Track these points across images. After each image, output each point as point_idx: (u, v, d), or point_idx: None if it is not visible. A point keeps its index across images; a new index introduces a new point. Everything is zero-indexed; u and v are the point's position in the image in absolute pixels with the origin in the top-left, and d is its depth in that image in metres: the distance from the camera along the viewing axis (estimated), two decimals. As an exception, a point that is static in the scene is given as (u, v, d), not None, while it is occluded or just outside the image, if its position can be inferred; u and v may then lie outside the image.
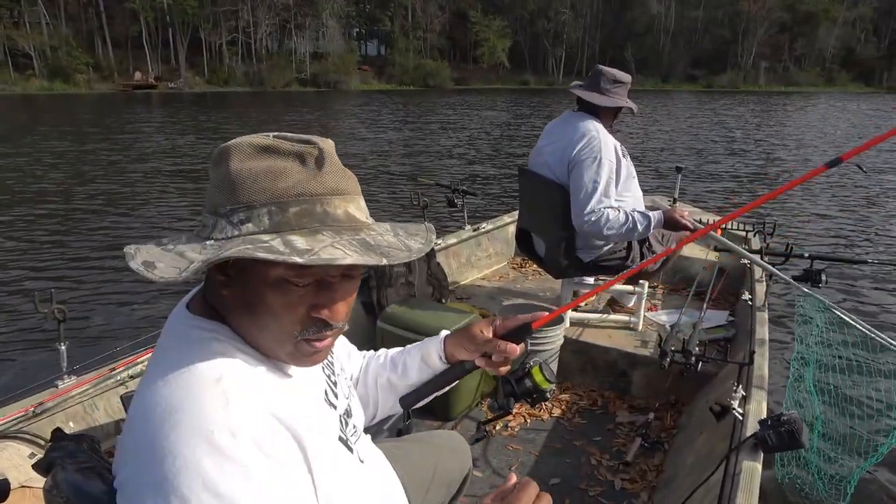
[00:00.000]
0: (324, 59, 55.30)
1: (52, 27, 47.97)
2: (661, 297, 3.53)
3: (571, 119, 2.73)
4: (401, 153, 14.03)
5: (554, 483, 2.18)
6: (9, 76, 43.81)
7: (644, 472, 2.26)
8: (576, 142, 2.60)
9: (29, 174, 11.02)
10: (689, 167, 12.13)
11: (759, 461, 1.55)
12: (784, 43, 69.71)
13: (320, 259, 0.66)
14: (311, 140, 0.76)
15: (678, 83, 66.02)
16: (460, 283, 3.61)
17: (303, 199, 0.72)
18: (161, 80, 49.47)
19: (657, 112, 28.93)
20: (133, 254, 0.72)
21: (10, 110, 28.22)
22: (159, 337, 0.81)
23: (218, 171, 0.74)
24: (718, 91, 57.38)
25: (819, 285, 2.46)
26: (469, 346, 1.10)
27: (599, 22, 71.64)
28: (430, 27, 64.29)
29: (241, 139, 0.75)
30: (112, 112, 27.47)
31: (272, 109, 29.36)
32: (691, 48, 70.92)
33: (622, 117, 3.10)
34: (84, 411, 1.86)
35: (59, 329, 1.87)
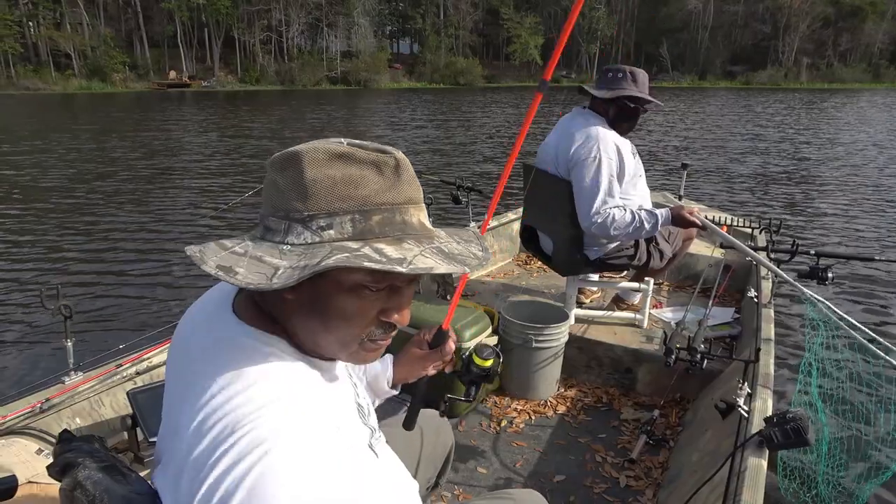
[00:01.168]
0: (354, 58, 55.53)
1: (92, 27, 49.23)
2: (666, 295, 3.52)
3: (576, 116, 2.73)
4: (414, 150, 14.03)
5: (559, 480, 2.20)
6: (50, 76, 45.18)
7: (649, 469, 2.26)
8: (575, 140, 2.59)
9: (45, 170, 11.19)
10: (708, 166, 11.86)
11: (764, 459, 1.55)
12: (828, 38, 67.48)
13: (418, 269, 0.68)
14: (386, 150, 0.77)
15: (715, 80, 64.62)
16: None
17: (384, 208, 0.73)
18: (194, 79, 50.41)
19: (690, 109, 28.49)
20: (201, 257, 0.72)
21: (42, 109, 28.89)
22: (197, 337, 0.80)
23: (287, 175, 0.74)
24: (757, 88, 56.09)
25: (825, 283, 2.42)
26: (421, 366, 1.25)
27: (634, 18, 70.68)
28: (462, 24, 64.04)
29: (313, 145, 0.75)
30: (140, 110, 28.04)
31: (298, 107, 29.58)
32: (730, 44, 69.29)
33: (648, 115, 3.07)
34: (91, 407, 1.87)
35: (65, 325, 1.88)
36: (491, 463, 2.27)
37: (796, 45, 66.65)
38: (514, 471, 2.24)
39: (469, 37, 65.47)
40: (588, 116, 2.68)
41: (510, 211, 4.24)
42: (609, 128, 2.64)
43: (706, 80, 64.82)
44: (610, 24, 68.18)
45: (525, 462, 2.29)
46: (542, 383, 2.65)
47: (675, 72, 66.04)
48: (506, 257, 4.04)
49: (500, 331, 2.62)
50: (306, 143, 0.76)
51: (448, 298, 2.98)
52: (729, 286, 3.39)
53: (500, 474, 2.22)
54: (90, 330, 4.28)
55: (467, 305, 2.71)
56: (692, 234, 2.90)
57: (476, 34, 66.55)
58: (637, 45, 69.50)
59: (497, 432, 2.46)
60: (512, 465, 2.26)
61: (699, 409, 2.49)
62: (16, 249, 6.37)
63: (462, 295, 3.28)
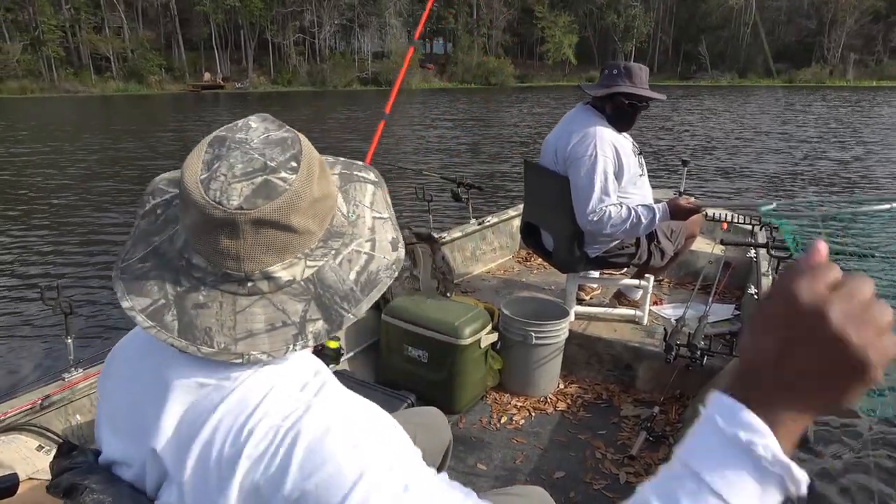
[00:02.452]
0: (386, 59, 55.35)
1: (131, 31, 50.23)
2: (666, 291, 3.51)
3: (577, 113, 2.73)
4: (424, 149, 14.07)
5: (558, 476, 2.21)
6: (89, 79, 46.32)
7: (649, 465, 2.26)
8: (573, 138, 2.60)
9: (59, 169, 11.44)
10: (725, 165, 11.67)
11: None
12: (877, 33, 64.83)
13: None
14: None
15: (756, 78, 62.19)
16: (465, 277, 3.62)
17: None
18: (228, 81, 51.01)
19: (723, 108, 27.86)
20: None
21: (78, 110, 29.66)
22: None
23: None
24: (800, 86, 54.02)
25: None
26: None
27: (672, 15, 68.98)
28: (495, 24, 63.44)
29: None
30: (172, 111, 28.64)
31: (326, 108, 29.76)
32: (773, 41, 66.69)
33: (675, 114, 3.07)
34: (91, 404, 1.87)
35: (66, 321, 1.87)
36: (491, 459, 2.29)
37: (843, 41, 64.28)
38: (514, 467, 2.25)
39: (502, 36, 64.81)
40: (588, 114, 2.69)
41: (511, 207, 4.24)
42: (608, 125, 2.63)
43: (746, 79, 62.70)
44: (646, 21, 66.56)
45: (525, 458, 2.30)
46: (542, 380, 2.66)
47: (714, 70, 64.36)
48: (506, 254, 4.04)
49: (501, 327, 2.63)
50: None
51: (449, 296, 3.02)
52: (729, 283, 3.37)
53: (501, 471, 2.23)
54: (91, 326, 4.29)
55: (467, 302, 2.75)
56: (695, 231, 2.89)
57: (509, 33, 65.83)
58: (675, 43, 68.01)
59: (497, 429, 2.48)
60: (512, 462, 2.27)
61: (699, 405, 2.46)
62: (18, 246, 6.43)
63: (462, 292, 3.33)
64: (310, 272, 0.70)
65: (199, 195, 0.65)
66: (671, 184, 7.69)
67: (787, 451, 0.47)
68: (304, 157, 0.69)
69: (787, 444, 0.47)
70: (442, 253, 3.14)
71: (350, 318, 0.71)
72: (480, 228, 3.78)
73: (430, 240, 3.05)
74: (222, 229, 0.65)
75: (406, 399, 2.32)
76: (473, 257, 3.75)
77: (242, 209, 0.64)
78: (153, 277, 0.71)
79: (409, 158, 12.74)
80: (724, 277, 3.18)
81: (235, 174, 0.65)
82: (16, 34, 44.64)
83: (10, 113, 28.12)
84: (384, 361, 2.68)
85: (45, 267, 5.83)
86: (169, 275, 0.70)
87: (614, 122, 2.66)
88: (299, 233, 0.68)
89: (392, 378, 2.61)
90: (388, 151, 13.53)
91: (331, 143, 15.55)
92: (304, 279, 0.70)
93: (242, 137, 0.68)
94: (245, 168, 0.66)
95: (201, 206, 0.65)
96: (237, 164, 0.66)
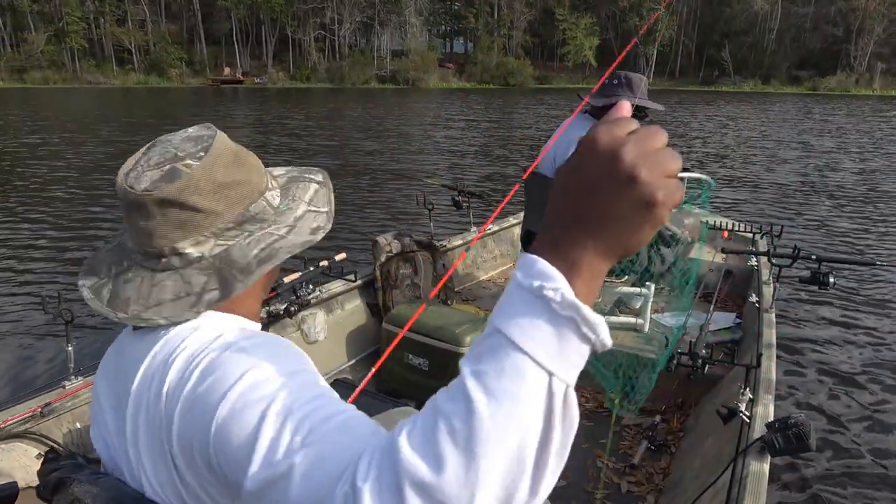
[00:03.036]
0: (404, 57, 55.35)
1: (154, 24, 50.85)
2: (667, 299, 3.47)
3: (576, 122, 2.72)
4: (430, 150, 14.01)
5: (560, 485, 2.20)
6: (111, 71, 47.17)
7: (651, 474, 2.26)
8: (571, 147, 2.61)
9: (65, 161, 11.50)
10: (736, 173, 11.48)
11: (766, 464, 1.56)
12: (906, 42, 63.42)
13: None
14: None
15: (780, 85, 61.25)
16: (466, 285, 3.62)
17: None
18: (247, 76, 51.36)
19: (742, 115, 27.48)
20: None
21: (92, 102, 29.77)
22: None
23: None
24: (825, 94, 53.06)
25: (827, 287, 2.36)
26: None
27: (696, 19, 67.83)
28: (516, 24, 63.04)
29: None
30: (185, 105, 28.83)
31: (340, 104, 29.75)
32: (798, 47, 65.47)
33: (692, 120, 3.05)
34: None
35: (67, 329, 1.86)
36: None
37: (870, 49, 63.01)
38: None
39: (522, 37, 64.28)
40: (587, 123, 2.69)
41: (511, 216, 4.23)
42: None
43: (770, 86, 61.54)
44: (669, 25, 64.87)
45: None
46: (542, 388, 2.65)
47: (736, 76, 63.19)
48: (506, 261, 4.04)
49: None
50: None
51: (450, 304, 3.03)
52: (730, 291, 3.36)
53: None
54: (92, 334, 4.25)
55: (468, 310, 2.76)
56: (694, 237, 2.88)
57: (530, 34, 65.35)
58: (699, 48, 66.94)
59: None
60: None
61: (701, 414, 2.45)
62: (19, 252, 6.35)
63: (463, 300, 3.34)
64: (219, 250, 0.79)
65: (120, 183, 0.77)
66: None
67: (588, 295, 0.48)
68: (213, 148, 0.78)
69: (588, 288, 0.48)
70: (443, 261, 3.16)
71: (240, 286, 0.78)
72: (481, 236, 3.80)
73: (431, 248, 3.07)
74: (136, 211, 0.76)
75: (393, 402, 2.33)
76: (474, 265, 3.76)
77: (147, 191, 0.75)
78: (104, 261, 0.84)
79: (412, 159, 12.68)
80: (725, 286, 3.17)
81: (150, 164, 0.77)
82: (41, 25, 45.37)
83: (30, 102, 28.48)
84: (385, 370, 2.69)
85: (46, 273, 5.79)
86: (116, 259, 0.83)
87: None
88: (203, 212, 0.77)
89: (393, 386, 2.62)
90: (393, 152, 13.50)
91: (342, 141, 15.49)
92: (213, 255, 0.78)
93: (169, 138, 0.80)
94: (158, 159, 0.77)
95: (120, 191, 0.77)
96: (154, 156, 0.77)
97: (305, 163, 11.90)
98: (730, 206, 8.62)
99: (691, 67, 67.23)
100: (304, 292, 2.48)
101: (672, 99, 38.25)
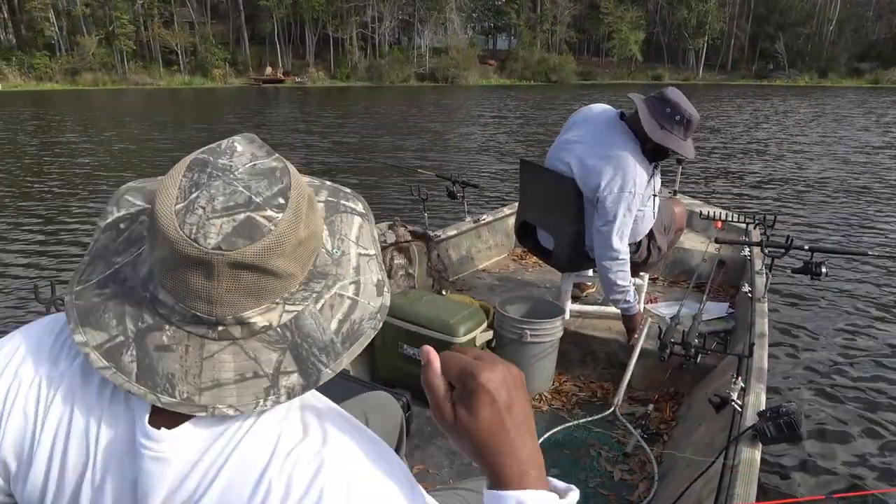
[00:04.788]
0: (444, 54, 54.75)
1: (200, 25, 51.84)
2: (661, 289, 3.50)
3: (615, 131, 2.60)
4: (441, 149, 13.79)
5: (553, 474, 2.21)
6: (157, 71, 48.35)
7: (643, 463, 2.28)
8: (610, 162, 2.51)
9: (92, 157, 11.66)
10: (765, 171, 11.02)
11: (757, 452, 1.58)
12: (981, 29, 57.96)
13: None
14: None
15: (838, 79, 56.83)
16: (460, 275, 3.62)
17: None
18: (288, 75, 51.86)
19: (791, 108, 26.65)
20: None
21: (136, 102, 30.19)
22: None
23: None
24: (888, 88, 49.40)
25: (819, 277, 2.40)
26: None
27: (749, 10, 63.98)
28: (560, 19, 61.85)
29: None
30: (225, 105, 28.97)
31: (369, 104, 29.46)
32: (860, 38, 60.87)
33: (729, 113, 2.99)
34: None
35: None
36: None
37: (940, 38, 57.70)
38: None
39: (566, 32, 62.95)
40: (627, 138, 2.56)
41: (506, 206, 4.24)
42: (642, 157, 2.55)
43: (827, 79, 57.22)
44: (720, 17, 62.47)
45: None
46: (536, 378, 2.67)
47: (791, 69, 60.00)
48: (501, 252, 4.04)
49: (496, 326, 2.64)
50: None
51: (444, 293, 3.02)
52: (723, 281, 3.37)
53: None
54: None
55: (462, 300, 2.75)
56: (683, 224, 2.91)
57: (574, 29, 63.91)
58: (752, 40, 62.95)
59: None
60: None
61: (693, 403, 2.48)
62: (11, 242, 6.37)
63: (457, 290, 3.33)
64: (287, 318, 0.62)
65: (172, 229, 0.56)
66: (666, 181, 7.57)
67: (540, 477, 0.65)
68: (293, 192, 0.59)
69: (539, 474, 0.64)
70: (437, 251, 3.14)
71: (328, 373, 0.63)
72: (476, 226, 3.78)
73: (426, 238, 3.05)
74: (195, 269, 0.57)
75: (401, 397, 2.31)
76: (469, 255, 3.76)
77: (221, 249, 0.56)
78: (112, 308, 0.62)
79: (426, 155, 12.57)
80: (719, 276, 3.19)
81: (216, 208, 0.56)
82: (93, 28, 46.87)
83: (72, 104, 28.93)
84: (379, 360, 2.68)
85: (40, 262, 5.72)
86: (130, 307, 0.62)
87: (647, 156, 2.57)
88: (281, 277, 0.60)
89: (387, 376, 2.62)
90: (410, 148, 13.44)
91: (360, 137, 15.37)
92: (281, 325, 0.62)
93: (226, 164, 0.59)
94: (226, 202, 0.57)
95: (174, 241, 0.56)
96: (218, 195, 0.57)
97: (308, 159, 12.12)
98: (722, 198, 8.43)
99: (744, 61, 64.03)
100: (298, 283, 2.44)
101: (721, 93, 37.30)
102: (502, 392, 0.62)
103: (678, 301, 2.89)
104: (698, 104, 3.22)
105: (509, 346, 2.60)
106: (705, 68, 63.59)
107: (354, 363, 2.76)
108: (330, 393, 0.91)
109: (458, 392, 0.63)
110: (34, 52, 45.04)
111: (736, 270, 3.46)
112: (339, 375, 1.80)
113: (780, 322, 4.22)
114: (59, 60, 45.73)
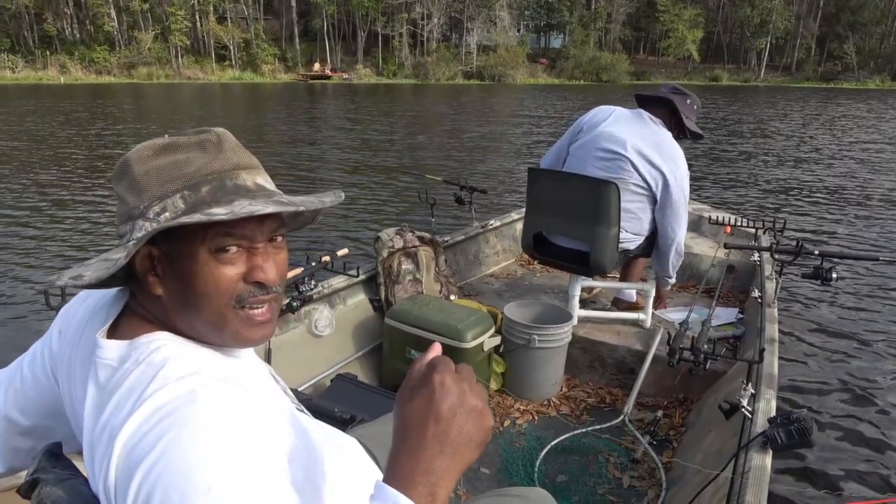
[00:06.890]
0: (492, 52, 53.85)
1: (253, 21, 52.52)
2: (670, 295, 3.45)
3: (655, 124, 2.72)
4: (448, 150, 13.46)
5: (562, 480, 2.21)
6: (209, 66, 49.59)
7: (652, 469, 2.26)
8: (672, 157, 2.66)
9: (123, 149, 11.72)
10: (807, 179, 10.41)
11: (768, 459, 1.56)
12: None
13: (240, 213, 0.70)
14: (206, 129, 0.79)
15: None
16: (468, 280, 3.60)
17: (212, 177, 0.75)
18: (336, 72, 52.22)
19: (844, 112, 25.23)
20: (58, 277, 0.74)
21: (185, 96, 30.75)
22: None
23: (123, 181, 0.77)
24: None
25: (829, 283, 2.38)
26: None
27: (817, 9, 60.62)
28: (615, 17, 60.33)
29: (138, 146, 0.78)
30: (270, 100, 29.09)
31: (412, 103, 29.16)
32: None
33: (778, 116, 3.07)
34: None
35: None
36: (494, 463, 2.30)
37: None
38: (516, 471, 2.25)
39: (621, 30, 61.45)
40: (666, 130, 2.74)
41: (513, 211, 4.21)
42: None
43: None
44: (785, 15, 59.43)
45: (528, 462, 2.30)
46: (544, 383, 2.66)
47: (861, 71, 57.07)
48: (509, 257, 4.02)
49: (503, 331, 2.64)
50: (134, 148, 0.79)
51: (452, 299, 3.01)
52: (733, 287, 3.35)
53: (504, 474, 2.23)
54: None
55: (470, 305, 2.74)
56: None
57: (629, 27, 62.37)
58: (819, 41, 60.21)
59: (500, 432, 2.49)
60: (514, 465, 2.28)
61: (703, 409, 2.46)
62: (22, 245, 6.33)
63: (464, 295, 3.32)
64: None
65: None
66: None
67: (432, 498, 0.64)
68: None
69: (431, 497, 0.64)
70: (445, 256, 3.14)
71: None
72: (483, 231, 3.78)
73: (433, 243, 3.05)
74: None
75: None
76: (476, 260, 3.74)
77: None
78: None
79: (443, 155, 12.45)
80: (728, 281, 3.17)
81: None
82: (150, 24, 48.12)
83: (123, 96, 29.42)
84: (387, 365, 2.68)
85: (50, 267, 5.72)
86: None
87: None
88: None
89: (395, 382, 2.61)
90: (430, 148, 13.37)
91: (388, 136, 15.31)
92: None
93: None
94: None
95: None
96: None
97: (317, 155, 12.27)
98: (733, 205, 8.18)
99: (810, 62, 61.08)
100: (307, 287, 2.45)
101: (776, 96, 35.96)
102: (444, 400, 0.68)
103: (687, 306, 2.87)
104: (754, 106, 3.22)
105: (517, 351, 2.60)
106: (767, 69, 61.08)
107: (363, 368, 2.77)
108: (340, 396, 0.90)
109: (418, 377, 0.71)
110: (95, 47, 46.59)
111: (745, 275, 3.43)
112: (348, 380, 1.82)
113: (791, 328, 4.16)
114: (118, 55, 46.99)
